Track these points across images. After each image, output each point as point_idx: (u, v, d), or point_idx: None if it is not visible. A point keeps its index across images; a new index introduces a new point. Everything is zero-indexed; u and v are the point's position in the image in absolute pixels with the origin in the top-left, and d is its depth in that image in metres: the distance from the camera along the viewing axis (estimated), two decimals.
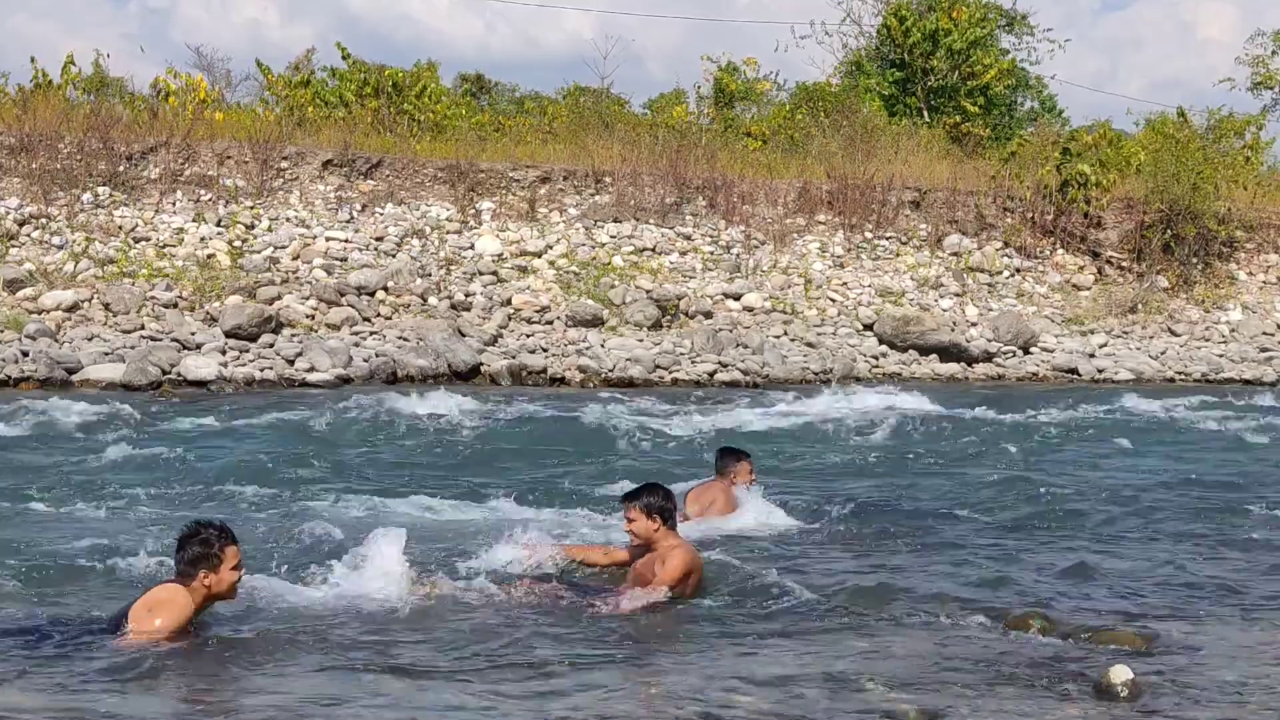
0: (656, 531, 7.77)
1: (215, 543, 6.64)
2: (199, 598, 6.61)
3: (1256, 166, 34.00)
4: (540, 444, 14.25)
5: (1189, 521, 10.39)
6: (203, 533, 6.67)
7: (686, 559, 7.69)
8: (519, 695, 5.86)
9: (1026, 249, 28.61)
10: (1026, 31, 38.87)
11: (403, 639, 6.69)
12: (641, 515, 7.79)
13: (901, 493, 11.46)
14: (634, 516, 7.82)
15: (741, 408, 17.79)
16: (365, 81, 29.11)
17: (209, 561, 6.62)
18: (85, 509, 10.08)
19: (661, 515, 7.80)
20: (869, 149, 29.33)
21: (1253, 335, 27.86)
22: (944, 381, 23.58)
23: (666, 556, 7.67)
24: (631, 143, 27.80)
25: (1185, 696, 5.97)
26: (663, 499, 7.85)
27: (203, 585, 6.61)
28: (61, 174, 23.03)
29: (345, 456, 13.05)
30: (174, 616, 6.50)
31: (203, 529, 6.70)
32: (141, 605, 6.53)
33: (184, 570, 6.64)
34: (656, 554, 7.73)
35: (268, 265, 22.89)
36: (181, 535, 6.73)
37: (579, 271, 24.80)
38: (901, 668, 6.31)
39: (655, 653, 6.66)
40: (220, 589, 6.67)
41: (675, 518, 7.93)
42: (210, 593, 6.64)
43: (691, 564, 7.71)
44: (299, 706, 5.66)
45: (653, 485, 8.05)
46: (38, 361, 18.59)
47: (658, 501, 7.82)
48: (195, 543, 6.63)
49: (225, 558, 6.65)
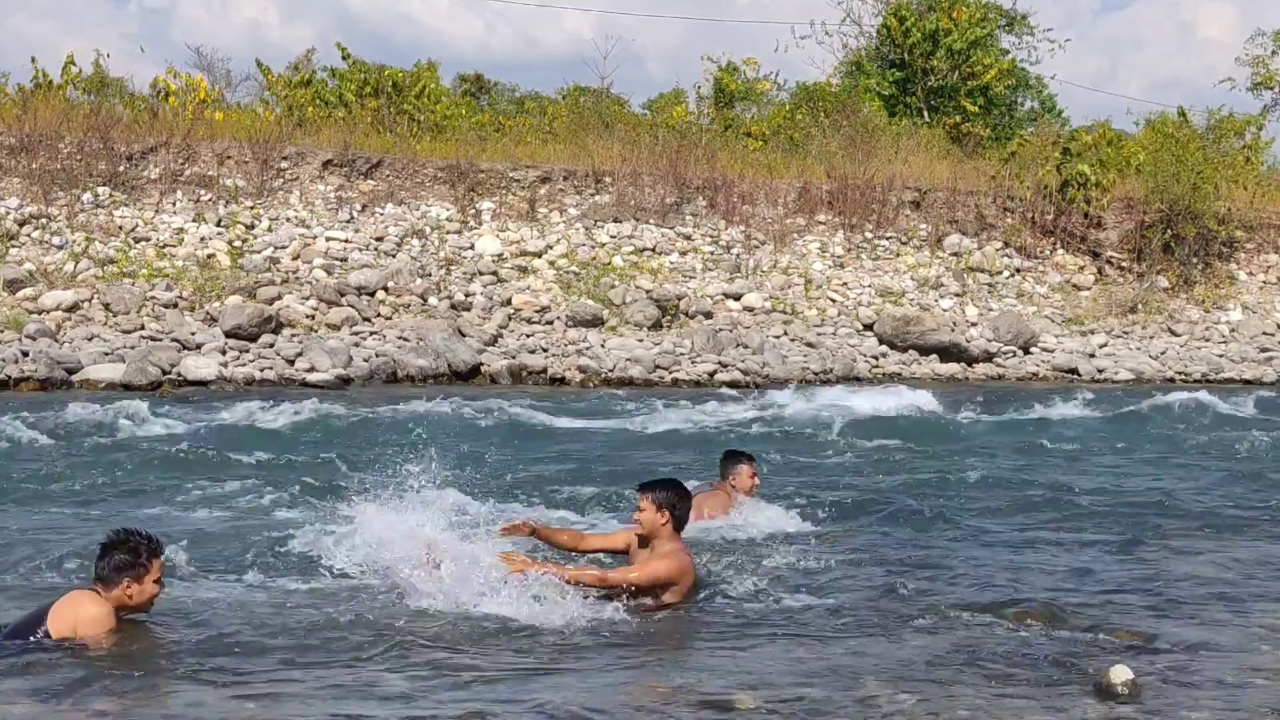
0: (663, 527, 7.58)
1: (142, 552, 6.47)
2: (116, 605, 6.43)
3: (1256, 166, 34.02)
4: (538, 444, 14.24)
5: (1189, 521, 10.38)
6: (131, 540, 6.49)
7: (674, 566, 7.46)
8: (518, 694, 5.85)
9: (1026, 249, 28.62)
10: (1026, 31, 38.89)
11: (401, 638, 6.68)
12: (651, 507, 7.60)
13: (901, 493, 11.45)
14: (644, 506, 7.61)
15: (741, 408, 17.77)
16: (365, 81, 29.13)
17: (134, 571, 6.44)
18: (80, 509, 10.08)
19: (672, 511, 7.61)
20: (869, 149, 29.35)
21: (1253, 335, 27.87)
22: (944, 381, 23.58)
23: (657, 555, 7.50)
24: (631, 143, 27.81)
25: (1185, 696, 5.97)
26: (677, 496, 7.66)
27: (124, 594, 6.43)
28: (62, 174, 23.03)
29: (344, 456, 13.04)
30: (100, 626, 6.33)
31: (131, 536, 6.52)
32: (63, 616, 6.32)
33: (107, 576, 6.44)
34: (652, 551, 7.56)
35: (268, 265, 22.90)
36: (108, 540, 6.53)
37: (579, 271, 24.80)
38: (901, 667, 6.31)
39: (655, 653, 6.66)
40: (140, 600, 6.49)
41: (684, 521, 7.70)
42: (130, 603, 6.47)
43: (677, 573, 7.48)
44: (281, 704, 5.66)
45: (672, 481, 7.87)
46: (38, 361, 18.59)
47: (671, 497, 7.63)
48: (123, 550, 6.45)
49: (150, 569, 6.49)
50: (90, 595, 6.45)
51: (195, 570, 8.04)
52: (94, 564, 6.56)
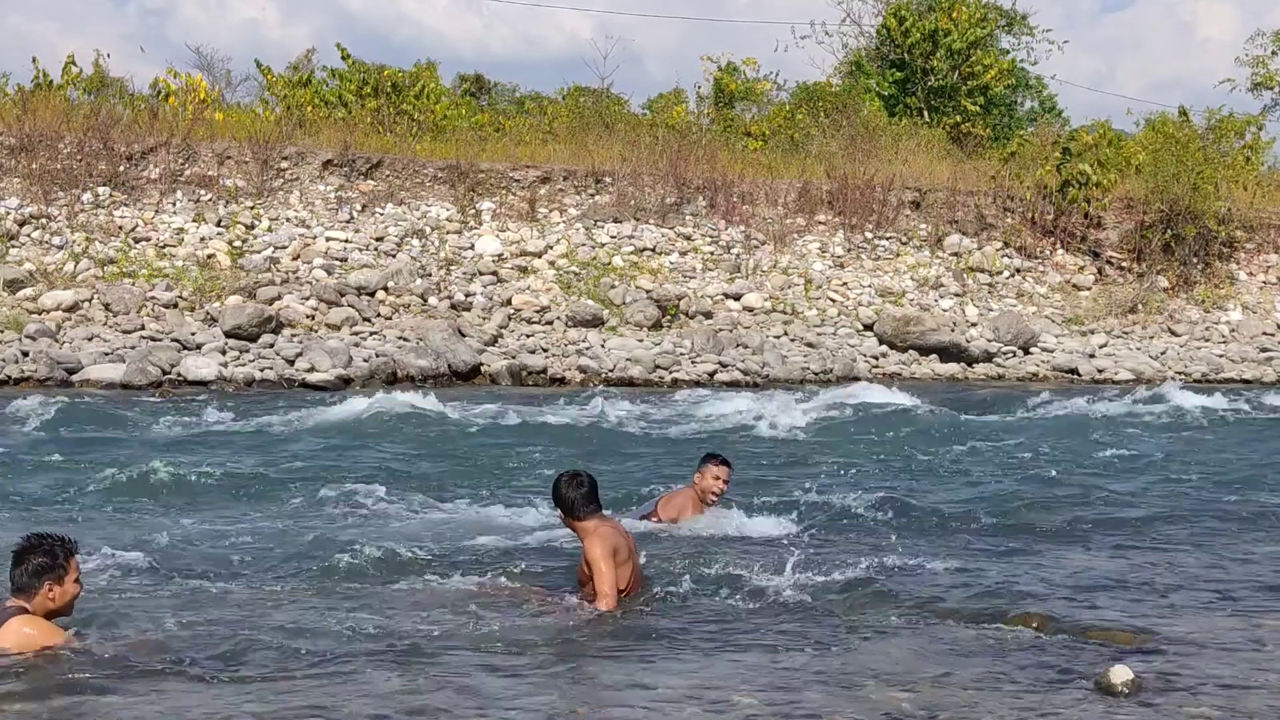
0: (572, 523, 7.44)
1: (59, 553, 6.33)
2: (42, 614, 6.26)
3: (1256, 166, 34.02)
4: (535, 443, 14.23)
5: (1189, 521, 10.38)
6: (45, 543, 6.35)
7: (598, 546, 7.25)
8: (518, 695, 5.85)
9: (1026, 249, 28.61)
10: (1026, 32, 38.90)
11: (399, 638, 6.68)
12: (558, 516, 7.55)
13: (900, 493, 11.44)
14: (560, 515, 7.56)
15: (740, 407, 17.76)
16: (365, 81, 29.14)
17: (54, 573, 6.30)
18: (79, 510, 10.08)
19: (561, 505, 7.44)
20: (869, 149, 29.34)
21: (1253, 335, 27.86)
22: (944, 382, 23.58)
23: (585, 549, 7.37)
24: (631, 143, 27.81)
25: (1185, 696, 5.97)
26: (555, 490, 7.44)
27: (46, 599, 6.29)
28: (62, 174, 23.03)
29: (342, 457, 13.05)
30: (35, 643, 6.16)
31: (44, 540, 6.38)
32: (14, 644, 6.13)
33: (25, 584, 6.28)
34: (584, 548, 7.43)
35: (268, 265, 22.90)
36: (21, 548, 6.36)
37: (579, 272, 24.80)
38: (901, 668, 6.31)
39: (655, 653, 6.65)
40: (62, 602, 6.35)
41: (576, 502, 7.36)
42: (53, 605, 6.32)
43: (600, 553, 7.22)
44: (280, 704, 5.66)
45: (561, 476, 7.55)
46: (38, 361, 18.60)
47: (554, 497, 7.46)
48: (39, 553, 6.30)
49: (70, 569, 6.36)
50: (26, 619, 6.23)
51: (193, 571, 8.04)
52: (9, 575, 6.36)
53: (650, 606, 7.42)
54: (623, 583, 7.32)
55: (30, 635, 6.19)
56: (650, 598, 7.58)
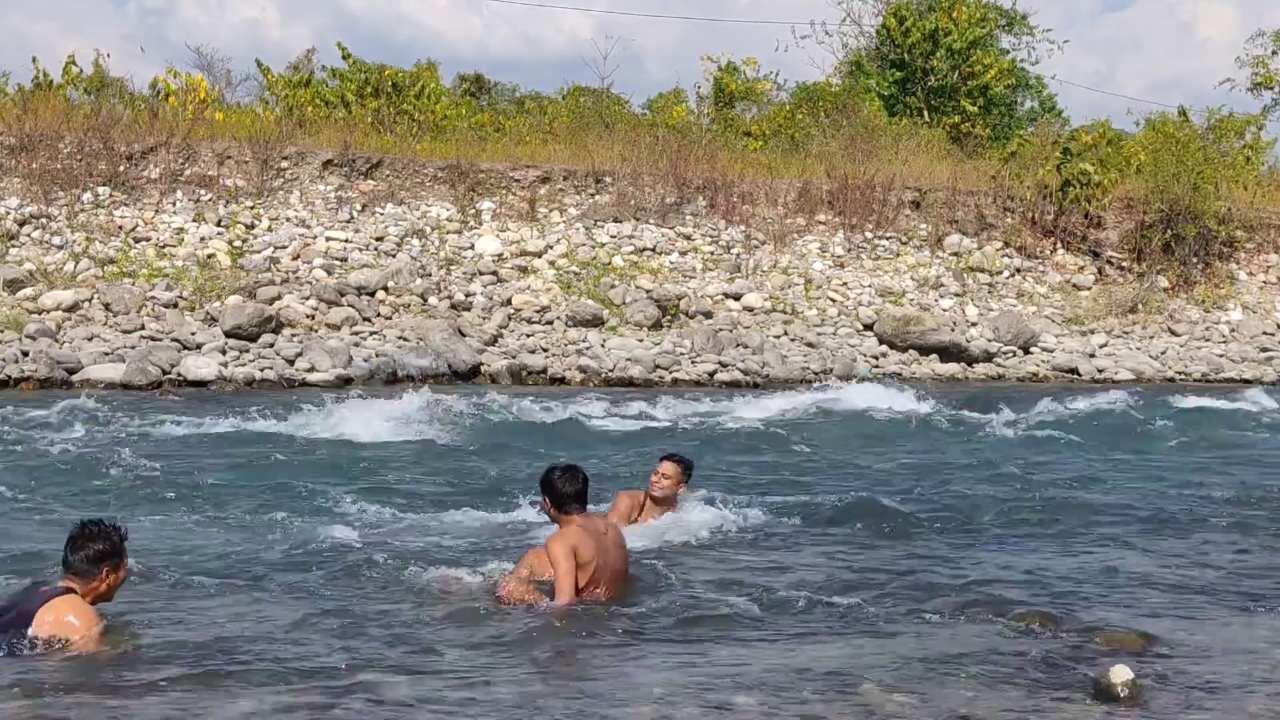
0: (554, 517, 7.52)
1: (117, 540, 6.40)
2: (91, 598, 6.32)
3: (1256, 166, 34.02)
4: (534, 443, 14.23)
5: (1189, 521, 10.38)
6: (104, 530, 6.41)
7: (559, 544, 7.28)
8: (515, 694, 5.85)
9: (1027, 249, 28.61)
10: (1026, 31, 38.89)
11: (400, 639, 6.68)
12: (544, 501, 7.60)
13: (901, 493, 11.44)
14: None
15: (740, 407, 17.76)
16: (365, 81, 29.14)
17: (112, 560, 6.36)
18: (79, 510, 10.07)
19: (550, 496, 7.50)
20: (869, 149, 29.34)
21: (1253, 335, 27.86)
22: (944, 381, 23.57)
23: (548, 542, 7.42)
24: (631, 143, 27.80)
25: (1185, 696, 5.96)
26: (555, 480, 7.46)
27: (99, 585, 6.34)
28: (62, 174, 23.03)
29: (342, 457, 13.05)
30: (94, 625, 6.21)
31: (103, 527, 6.43)
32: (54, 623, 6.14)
33: (84, 570, 6.31)
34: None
35: (268, 265, 22.90)
36: (79, 532, 6.40)
37: (579, 271, 24.80)
38: (901, 668, 6.30)
39: (654, 652, 6.65)
40: (114, 588, 6.42)
41: (569, 500, 7.43)
42: (102, 591, 6.37)
43: (565, 548, 7.25)
44: (279, 704, 5.65)
45: (555, 467, 7.61)
46: (38, 361, 18.59)
47: (550, 482, 7.49)
48: (99, 540, 6.35)
49: (125, 555, 6.45)
50: (71, 601, 6.27)
51: (192, 571, 8.04)
52: (64, 557, 6.39)
53: (645, 606, 7.41)
54: (582, 581, 7.30)
55: (70, 625, 6.17)
56: (646, 597, 7.56)
